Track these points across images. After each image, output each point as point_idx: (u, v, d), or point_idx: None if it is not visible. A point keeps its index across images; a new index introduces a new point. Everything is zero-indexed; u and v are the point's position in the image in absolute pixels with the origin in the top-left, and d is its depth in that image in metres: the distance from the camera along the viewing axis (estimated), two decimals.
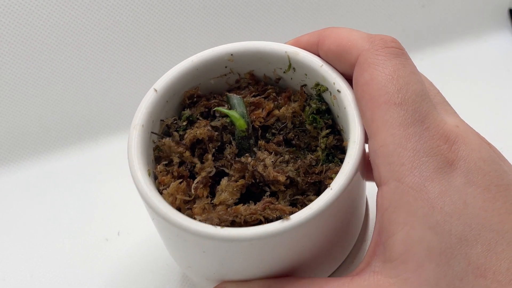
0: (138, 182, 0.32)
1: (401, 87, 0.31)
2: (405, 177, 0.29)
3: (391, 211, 0.30)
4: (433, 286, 0.28)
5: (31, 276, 0.46)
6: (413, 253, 0.29)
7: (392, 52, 0.32)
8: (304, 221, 0.30)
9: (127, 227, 0.48)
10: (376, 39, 0.33)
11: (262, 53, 0.37)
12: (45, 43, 0.56)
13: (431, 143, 0.30)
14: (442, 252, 0.28)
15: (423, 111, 0.31)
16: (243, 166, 0.34)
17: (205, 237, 0.30)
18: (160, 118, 0.36)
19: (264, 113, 0.37)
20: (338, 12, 0.64)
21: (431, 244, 0.28)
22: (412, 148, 0.30)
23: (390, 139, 0.30)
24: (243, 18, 0.62)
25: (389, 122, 0.30)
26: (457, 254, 0.28)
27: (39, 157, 0.55)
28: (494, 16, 0.68)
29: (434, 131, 0.30)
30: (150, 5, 0.58)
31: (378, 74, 0.31)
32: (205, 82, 0.38)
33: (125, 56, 0.59)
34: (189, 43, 0.60)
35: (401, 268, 0.29)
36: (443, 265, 0.28)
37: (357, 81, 0.32)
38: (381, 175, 0.30)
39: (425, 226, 0.29)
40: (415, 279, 0.28)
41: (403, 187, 0.29)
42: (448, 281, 0.28)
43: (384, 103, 0.31)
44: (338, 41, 0.34)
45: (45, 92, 0.57)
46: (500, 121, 0.56)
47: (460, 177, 0.30)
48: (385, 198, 0.30)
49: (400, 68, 0.31)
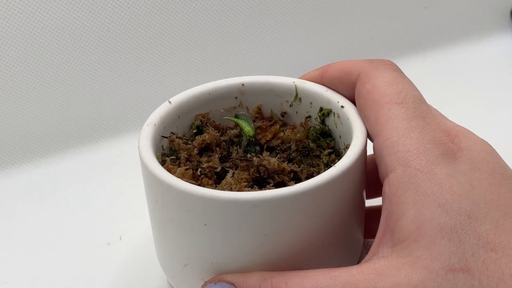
0: (145, 158, 0.33)
1: (400, 90, 0.33)
2: (412, 161, 0.30)
3: (400, 194, 0.30)
4: (446, 261, 0.28)
5: (32, 280, 0.44)
6: (424, 231, 0.29)
7: (390, 67, 0.35)
8: (311, 189, 0.31)
9: (129, 231, 0.47)
10: (375, 60, 0.36)
11: (271, 85, 0.40)
12: (46, 46, 0.56)
13: (434, 134, 0.31)
14: (453, 228, 0.29)
15: (423, 110, 0.33)
16: (249, 163, 0.35)
17: (209, 200, 0.30)
18: (170, 130, 0.38)
19: (270, 136, 0.39)
20: (341, 14, 0.64)
21: (442, 221, 0.29)
22: (416, 137, 0.31)
23: (394, 132, 0.32)
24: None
25: (392, 118, 0.32)
26: (467, 230, 0.29)
27: (41, 160, 0.54)
28: (496, 17, 0.68)
29: (435, 125, 0.32)
30: (152, 8, 0.59)
31: (379, 82, 0.34)
32: (215, 111, 0.40)
33: (126, 60, 0.59)
34: (192, 48, 0.61)
35: (413, 247, 0.29)
36: (455, 240, 0.28)
37: (359, 93, 0.35)
38: (387, 165, 0.31)
39: (435, 204, 0.29)
40: (427, 256, 0.28)
41: (410, 170, 0.30)
42: (460, 256, 0.28)
43: (386, 103, 0.33)
44: (340, 67, 0.37)
45: (46, 95, 0.57)
46: (501, 123, 0.55)
47: (464, 164, 0.31)
48: (392, 184, 0.31)
49: (398, 77, 0.34)
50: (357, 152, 0.33)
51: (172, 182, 0.31)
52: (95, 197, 0.52)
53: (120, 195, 0.52)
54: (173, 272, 0.37)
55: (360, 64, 0.36)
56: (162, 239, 0.36)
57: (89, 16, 0.58)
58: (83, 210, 0.51)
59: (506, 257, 0.28)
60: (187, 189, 0.31)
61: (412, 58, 0.63)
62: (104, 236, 0.47)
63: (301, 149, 0.38)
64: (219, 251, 0.32)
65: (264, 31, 0.65)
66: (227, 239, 0.32)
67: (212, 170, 0.35)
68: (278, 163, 0.34)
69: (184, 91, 0.39)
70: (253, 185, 0.34)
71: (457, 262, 0.28)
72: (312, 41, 0.67)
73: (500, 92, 0.64)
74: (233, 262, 0.33)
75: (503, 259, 0.28)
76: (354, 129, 0.35)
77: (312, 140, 0.38)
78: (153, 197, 0.34)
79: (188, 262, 0.34)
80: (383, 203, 0.32)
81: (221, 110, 0.40)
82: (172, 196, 0.32)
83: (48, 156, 0.57)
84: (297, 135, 0.38)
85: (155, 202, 0.34)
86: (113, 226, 0.48)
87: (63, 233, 0.48)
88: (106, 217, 0.50)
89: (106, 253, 0.46)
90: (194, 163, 0.36)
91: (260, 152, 0.37)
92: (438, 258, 0.28)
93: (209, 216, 0.31)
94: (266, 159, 0.35)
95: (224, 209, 0.31)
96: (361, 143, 0.33)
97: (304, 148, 0.38)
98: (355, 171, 0.33)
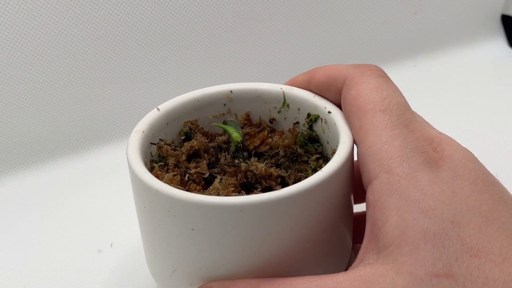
0: (133, 164, 0.34)
1: (385, 97, 0.33)
2: (394, 168, 0.31)
3: (383, 200, 0.30)
4: (430, 267, 0.28)
5: (23, 286, 0.44)
6: (408, 236, 0.29)
7: (376, 74, 0.35)
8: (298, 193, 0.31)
9: (120, 238, 0.47)
10: (361, 65, 0.36)
11: (260, 92, 0.40)
12: (36, 54, 0.56)
13: (416, 143, 0.32)
14: (436, 234, 0.29)
15: (407, 118, 0.33)
16: (237, 169, 0.35)
17: (195, 205, 0.31)
18: (159, 137, 0.38)
19: (258, 142, 0.39)
20: (331, 20, 0.64)
21: (425, 227, 0.29)
22: (398, 145, 0.31)
23: (377, 139, 0.32)
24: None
25: (375, 126, 0.32)
26: (451, 236, 0.29)
27: (31, 168, 0.54)
28: (486, 23, 0.67)
29: (418, 133, 0.32)
30: (141, 16, 0.59)
31: (364, 89, 0.34)
32: (204, 117, 0.40)
33: (115, 67, 0.59)
34: (180, 55, 0.61)
35: (397, 253, 0.29)
36: (438, 246, 0.29)
37: (344, 99, 0.35)
38: (370, 172, 0.32)
39: (418, 210, 0.29)
40: (412, 261, 0.29)
41: (393, 177, 0.31)
42: (444, 261, 0.28)
43: (370, 110, 0.33)
44: (327, 72, 0.37)
45: (36, 103, 0.57)
46: (492, 128, 0.55)
47: (446, 172, 0.31)
48: (375, 191, 0.31)
49: (383, 83, 0.34)
50: (343, 156, 0.33)
51: (159, 188, 0.32)
52: (86, 204, 0.52)
53: (111, 202, 0.52)
54: (162, 278, 0.37)
55: (346, 69, 0.36)
56: (151, 245, 0.36)
57: (79, 24, 0.58)
58: (74, 217, 0.51)
59: (490, 263, 0.28)
60: (174, 194, 0.31)
61: (402, 63, 0.64)
62: (95, 244, 0.47)
63: (289, 155, 0.38)
64: (207, 256, 0.32)
65: (253, 38, 0.66)
66: (214, 244, 0.32)
67: (200, 176, 0.35)
68: (266, 168, 0.34)
69: (172, 98, 0.39)
70: (240, 190, 0.34)
71: (441, 267, 0.28)
72: (301, 48, 0.68)
73: (490, 97, 0.64)
74: (221, 267, 0.33)
75: (487, 265, 0.28)
76: (341, 134, 0.35)
77: (300, 145, 0.38)
78: (141, 203, 0.34)
79: (176, 268, 0.34)
80: (367, 210, 0.32)
81: (209, 117, 0.40)
82: (159, 202, 0.32)
83: (38, 164, 0.57)
84: (285, 141, 0.39)
85: (143, 208, 0.34)
86: (104, 233, 0.49)
87: (54, 240, 0.49)
88: (97, 224, 0.50)
89: (97, 261, 0.46)
90: (182, 169, 0.36)
91: (248, 158, 0.37)
92: (422, 264, 0.28)
93: (196, 221, 0.31)
94: (254, 164, 0.35)
95: (211, 214, 0.31)
96: (348, 148, 0.34)
97: (292, 154, 0.38)
98: (342, 176, 0.33)
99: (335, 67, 0.37)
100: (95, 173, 0.56)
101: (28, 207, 0.52)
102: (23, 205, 0.53)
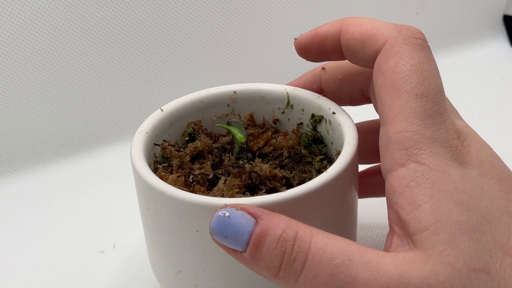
0: (137, 165, 0.33)
1: (424, 80, 0.31)
2: (425, 159, 0.29)
3: (413, 187, 0.29)
4: (468, 260, 0.27)
5: (26, 287, 0.44)
6: (444, 225, 0.28)
7: (419, 44, 0.32)
8: (302, 194, 0.31)
9: (123, 239, 0.47)
10: (403, 28, 0.33)
11: (263, 92, 0.40)
12: (38, 55, 0.56)
13: (447, 135, 0.30)
14: (471, 228, 0.28)
15: (441, 106, 0.31)
16: (241, 170, 0.35)
17: (200, 207, 0.30)
18: (163, 138, 0.38)
19: (262, 143, 0.39)
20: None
21: (460, 219, 0.28)
22: (430, 136, 0.30)
23: (408, 126, 0.30)
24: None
25: (408, 111, 0.30)
26: (485, 232, 0.28)
27: (34, 169, 0.54)
28: (488, 22, 0.67)
29: (449, 125, 0.31)
30: (144, 17, 0.59)
31: (404, 64, 0.31)
32: (208, 118, 0.40)
33: (119, 68, 0.59)
34: (184, 56, 0.61)
35: (434, 240, 0.28)
36: (474, 240, 0.28)
37: (379, 67, 0.32)
38: (395, 159, 0.30)
39: (452, 202, 0.28)
40: (450, 252, 0.27)
41: (423, 168, 0.29)
42: (480, 256, 0.28)
43: (406, 92, 0.31)
44: (363, 28, 0.33)
45: (38, 104, 0.57)
46: (494, 128, 0.54)
47: (474, 168, 0.30)
48: (403, 177, 0.30)
49: (425, 61, 0.32)
50: (348, 158, 0.33)
51: (164, 189, 0.32)
52: (89, 206, 0.52)
53: (114, 204, 0.52)
54: (166, 279, 0.37)
55: (387, 31, 0.32)
56: (155, 246, 0.36)
57: (81, 26, 0.58)
58: (77, 218, 0.51)
59: None
60: (179, 196, 0.31)
61: None
62: (98, 244, 0.47)
63: (293, 156, 0.38)
64: (212, 257, 0.32)
65: (256, 38, 0.66)
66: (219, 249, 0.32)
67: (204, 177, 0.35)
68: (270, 169, 0.34)
69: (176, 99, 0.39)
70: (245, 191, 0.34)
71: (477, 262, 0.27)
72: None
73: (493, 97, 0.64)
74: (226, 268, 0.33)
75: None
76: (346, 135, 0.35)
77: (304, 146, 0.38)
78: (145, 204, 0.34)
79: (181, 269, 0.34)
80: (391, 196, 0.30)
81: (213, 117, 0.40)
82: (164, 203, 0.32)
83: (41, 165, 0.57)
84: (289, 141, 0.39)
85: (148, 209, 0.34)
86: (106, 234, 0.48)
87: (57, 241, 0.49)
88: (99, 225, 0.50)
89: (100, 261, 0.46)
90: (186, 170, 0.36)
91: (252, 159, 0.37)
92: (461, 256, 0.27)
93: (201, 223, 0.31)
94: (258, 165, 0.35)
95: None
96: (352, 149, 0.34)
97: (296, 155, 0.38)
98: (347, 177, 0.33)
99: (372, 24, 0.33)
100: (98, 174, 0.56)
101: (30, 208, 0.52)
102: (26, 207, 0.53)
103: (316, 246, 0.28)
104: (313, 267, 0.28)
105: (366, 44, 0.33)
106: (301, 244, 0.28)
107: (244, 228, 0.29)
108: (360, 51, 0.34)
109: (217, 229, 0.29)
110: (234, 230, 0.29)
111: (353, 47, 0.34)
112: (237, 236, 0.29)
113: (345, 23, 0.34)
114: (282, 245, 0.28)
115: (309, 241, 0.28)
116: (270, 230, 0.28)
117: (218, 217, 0.29)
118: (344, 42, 0.34)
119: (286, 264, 0.28)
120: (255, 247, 0.29)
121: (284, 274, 0.28)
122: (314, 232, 0.29)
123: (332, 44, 0.35)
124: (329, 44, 0.35)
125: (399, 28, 0.33)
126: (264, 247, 0.28)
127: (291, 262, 0.28)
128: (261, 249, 0.29)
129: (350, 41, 0.34)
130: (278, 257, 0.28)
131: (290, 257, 0.28)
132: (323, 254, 0.28)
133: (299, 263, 0.28)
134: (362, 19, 0.34)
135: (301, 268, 0.28)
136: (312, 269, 0.28)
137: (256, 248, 0.29)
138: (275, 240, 0.28)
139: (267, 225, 0.29)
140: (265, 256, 0.29)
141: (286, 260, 0.28)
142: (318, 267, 0.28)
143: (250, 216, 0.29)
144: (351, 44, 0.34)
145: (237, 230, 0.29)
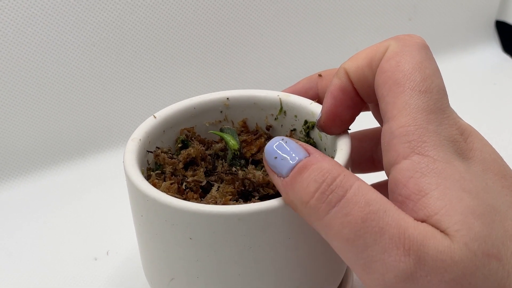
0: (130, 172, 0.33)
1: (426, 77, 0.31)
2: (429, 151, 0.29)
3: (418, 177, 0.29)
4: (482, 244, 0.27)
5: None
6: (456, 208, 0.28)
7: (419, 44, 0.33)
8: None
9: (116, 246, 0.47)
10: (402, 35, 0.34)
11: (256, 99, 0.40)
12: (32, 61, 0.56)
13: (450, 131, 0.31)
14: (482, 214, 0.28)
15: (443, 103, 0.31)
16: (234, 177, 0.35)
17: (193, 214, 0.30)
18: (156, 145, 0.38)
19: (255, 149, 0.39)
20: (326, 27, 0.64)
21: (471, 204, 0.28)
22: (433, 130, 0.30)
23: (411, 121, 0.30)
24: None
25: (411, 106, 0.31)
26: (495, 220, 0.28)
27: (27, 176, 0.54)
28: (481, 28, 0.67)
29: (452, 121, 0.31)
30: (137, 23, 0.59)
31: (406, 62, 0.32)
32: (201, 125, 0.40)
33: (112, 75, 0.59)
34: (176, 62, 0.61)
35: (447, 220, 0.27)
36: (486, 226, 0.28)
37: (382, 67, 0.33)
38: (398, 152, 0.30)
39: (460, 189, 0.28)
40: (466, 232, 0.27)
41: (428, 159, 0.29)
42: (492, 242, 0.27)
43: (409, 89, 0.31)
44: (363, 54, 0.34)
45: (31, 110, 0.57)
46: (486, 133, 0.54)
47: (477, 164, 0.30)
48: (407, 169, 0.29)
49: (426, 59, 0.32)
50: (341, 164, 0.33)
51: (156, 197, 0.31)
52: (82, 212, 0.52)
53: (107, 210, 0.52)
54: (159, 286, 0.37)
55: (387, 42, 0.33)
56: (148, 254, 0.36)
57: (75, 33, 0.58)
58: (70, 225, 0.51)
59: None
60: (172, 203, 0.31)
61: None
62: (91, 252, 0.47)
63: None
64: (205, 265, 0.32)
65: (250, 45, 0.66)
66: (212, 253, 0.32)
67: (197, 184, 0.35)
68: (263, 176, 0.34)
69: (169, 106, 0.39)
70: (238, 198, 0.34)
71: (491, 247, 0.27)
72: (296, 54, 0.68)
73: (485, 102, 0.64)
74: (219, 275, 0.32)
75: None
76: (338, 141, 0.35)
77: None
78: (138, 211, 0.34)
79: (174, 277, 0.34)
80: (395, 189, 0.30)
81: (206, 124, 0.40)
82: (157, 211, 0.32)
83: (34, 172, 0.57)
84: None
85: (141, 217, 0.34)
86: (100, 241, 0.48)
87: (50, 248, 0.48)
88: (93, 232, 0.50)
89: (93, 269, 0.46)
90: (180, 177, 0.36)
91: (245, 165, 0.37)
92: (476, 238, 0.27)
93: (194, 230, 0.31)
94: (251, 172, 0.35)
95: (209, 222, 0.31)
96: (345, 155, 0.34)
97: None
98: None
99: (370, 47, 0.34)
100: (91, 181, 0.56)
101: (23, 215, 0.52)
102: (19, 213, 0.53)
103: (358, 188, 0.28)
104: (349, 205, 0.28)
105: (373, 61, 0.33)
106: (344, 180, 0.29)
107: (296, 154, 0.30)
108: (369, 72, 0.34)
109: (271, 149, 0.31)
110: (287, 152, 0.30)
111: (362, 74, 0.34)
112: (286, 159, 0.30)
113: (343, 67, 0.35)
114: (323, 175, 0.29)
115: (353, 182, 0.29)
116: (318, 162, 0.29)
117: (276, 140, 0.31)
118: (354, 77, 0.34)
119: (322, 193, 0.28)
120: (299, 172, 0.29)
121: (317, 203, 0.29)
122: (360, 180, 0.29)
123: (346, 96, 0.35)
124: (345, 98, 0.35)
125: (399, 37, 0.33)
126: (306, 173, 0.29)
127: (327, 193, 0.28)
128: (303, 174, 0.29)
129: (358, 70, 0.34)
130: (316, 183, 0.29)
131: (329, 187, 0.28)
132: (362, 196, 0.28)
133: (335, 196, 0.28)
134: (358, 53, 0.34)
135: (335, 201, 0.28)
136: (347, 206, 0.28)
137: (298, 173, 0.29)
138: (319, 169, 0.29)
139: (317, 159, 0.30)
140: (304, 180, 0.29)
141: (324, 188, 0.28)
142: (353, 206, 0.28)
143: (305, 151, 0.30)
144: (359, 73, 0.34)
145: (289, 153, 0.30)
